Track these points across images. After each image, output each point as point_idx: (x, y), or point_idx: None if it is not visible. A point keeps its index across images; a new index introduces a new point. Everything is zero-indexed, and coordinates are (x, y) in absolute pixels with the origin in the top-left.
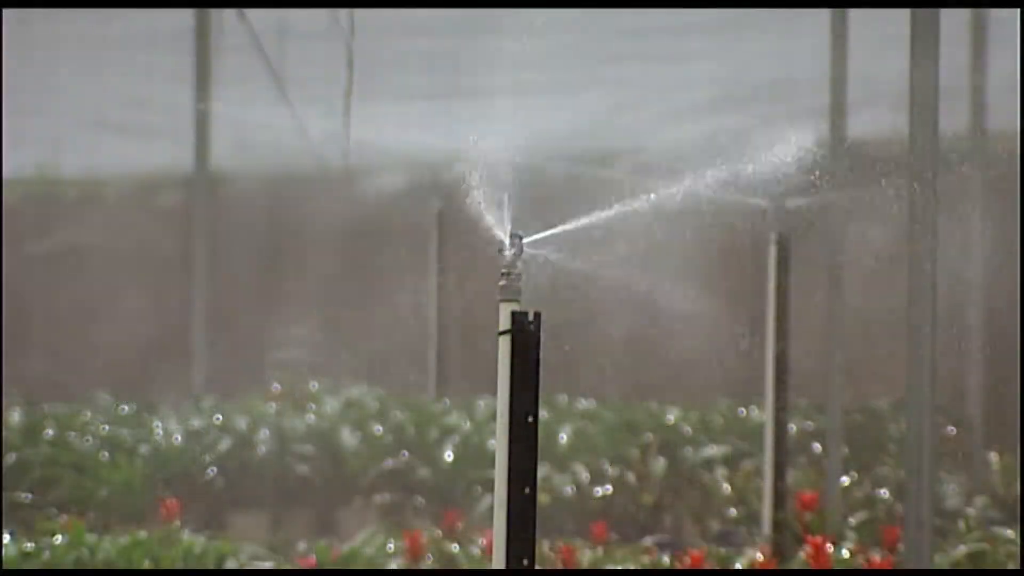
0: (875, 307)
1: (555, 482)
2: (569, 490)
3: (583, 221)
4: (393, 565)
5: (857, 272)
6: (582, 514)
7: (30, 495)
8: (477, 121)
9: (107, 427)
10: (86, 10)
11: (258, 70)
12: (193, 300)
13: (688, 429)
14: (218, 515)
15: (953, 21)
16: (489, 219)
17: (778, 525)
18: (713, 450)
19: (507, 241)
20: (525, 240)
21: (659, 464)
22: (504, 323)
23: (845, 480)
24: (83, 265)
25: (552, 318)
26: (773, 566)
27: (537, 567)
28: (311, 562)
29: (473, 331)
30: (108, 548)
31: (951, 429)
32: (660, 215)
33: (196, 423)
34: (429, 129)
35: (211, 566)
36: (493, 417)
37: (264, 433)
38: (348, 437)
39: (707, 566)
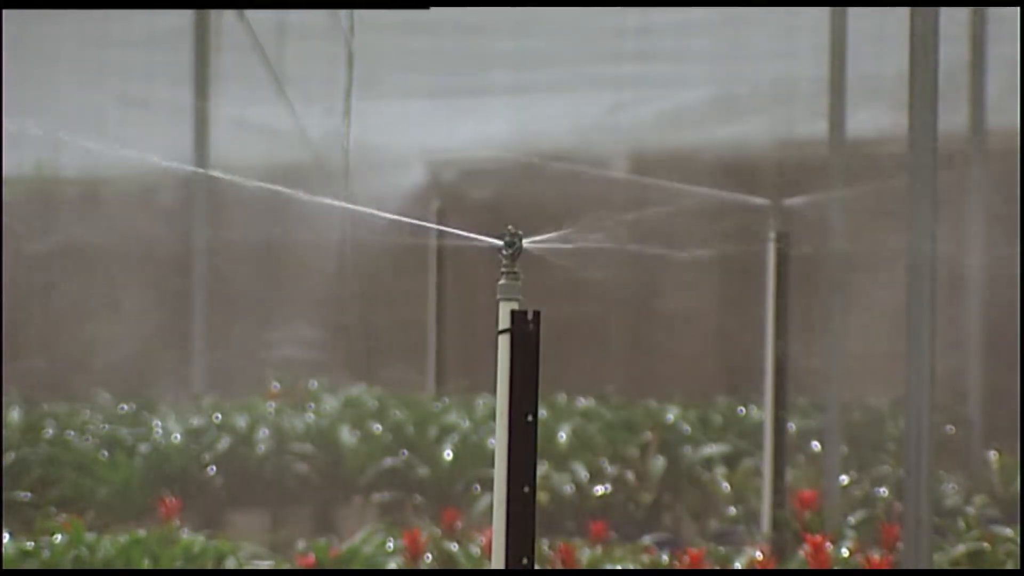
0: (875, 305)
1: (554, 481)
2: (568, 489)
3: (582, 220)
4: (392, 564)
5: (857, 271)
6: (581, 513)
7: (29, 494)
8: (477, 121)
9: (107, 426)
10: (86, 10)
11: (258, 70)
12: (193, 300)
13: (687, 428)
14: (217, 514)
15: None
16: (488, 218)
17: (777, 524)
18: (712, 449)
19: (506, 240)
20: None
21: (658, 463)
22: (503, 322)
23: (844, 479)
24: (83, 264)
25: (552, 317)
26: (772, 565)
27: (536, 566)
28: (310, 561)
29: (472, 330)
30: (107, 547)
31: (950, 428)
32: (659, 214)
33: (195, 422)
34: (429, 129)
35: (210, 565)
36: (492, 416)
37: (263, 432)
38: (347, 436)
39: (706, 565)
